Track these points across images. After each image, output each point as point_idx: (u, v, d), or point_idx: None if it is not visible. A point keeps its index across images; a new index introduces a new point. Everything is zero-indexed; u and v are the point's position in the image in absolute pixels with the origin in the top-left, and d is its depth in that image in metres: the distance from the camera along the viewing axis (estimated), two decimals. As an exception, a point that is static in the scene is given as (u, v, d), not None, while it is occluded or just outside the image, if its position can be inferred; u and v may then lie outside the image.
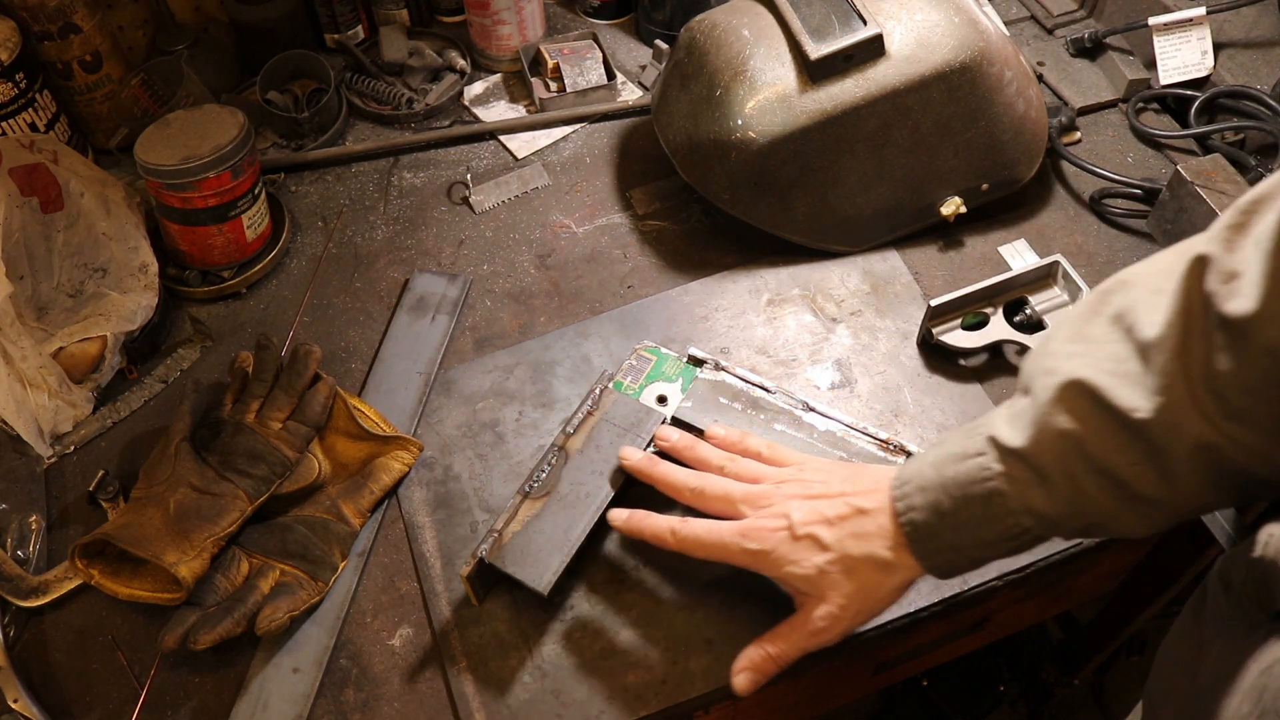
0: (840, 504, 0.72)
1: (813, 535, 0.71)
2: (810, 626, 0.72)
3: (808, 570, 0.71)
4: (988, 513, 0.64)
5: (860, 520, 0.71)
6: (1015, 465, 0.63)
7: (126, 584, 0.80)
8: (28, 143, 0.97)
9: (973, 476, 0.65)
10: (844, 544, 0.71)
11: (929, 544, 0.68)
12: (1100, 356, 0.61)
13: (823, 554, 0.71)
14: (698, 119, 1.00)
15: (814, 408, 0.87)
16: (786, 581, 0.74)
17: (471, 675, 0.80)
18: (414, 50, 1.23)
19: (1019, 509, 0.63)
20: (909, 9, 0.96)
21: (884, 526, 0.70)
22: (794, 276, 1.04)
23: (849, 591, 0.71)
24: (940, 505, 0.66)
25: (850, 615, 0.71)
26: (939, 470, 0.67)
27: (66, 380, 0.92)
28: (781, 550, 0.72)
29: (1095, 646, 1.39)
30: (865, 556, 0.70)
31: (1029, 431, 0.63)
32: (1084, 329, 0.63)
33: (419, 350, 0.99)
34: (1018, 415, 0.64)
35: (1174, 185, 1.01)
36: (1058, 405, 0.61)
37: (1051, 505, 0.63)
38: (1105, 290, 0.64)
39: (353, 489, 0.88)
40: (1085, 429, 0.60)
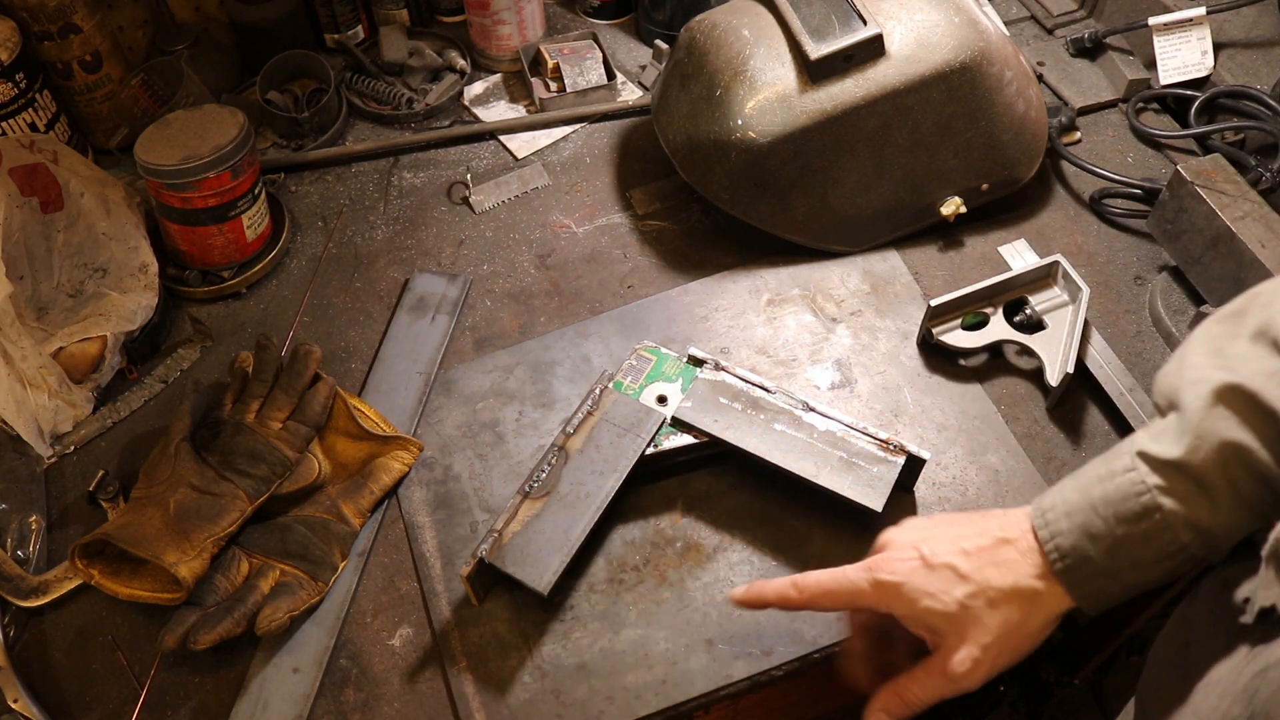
0: (976, 532, 0.66)
1: (950, 565, 0.65)
2: (951, 671, 0.65)
3: (947, 604, 0.64)
4: (1144, 530, 0.60)
5: (1001, 549, 0.65)
6: (1172, 477, 0.59)
7: (126, 584, 0.80)
8: (28, 143, 0.97)
9: (1125, 493, 0.61)
10: (985, 574, 0.64)
11: (1080, 571, 0.62)
12: (1251, 369, 0.58)
13: (963, 585, 0.64)
14: (698, 119, 1.00)
15: (814, 408, 0.87)
16: (923, 620, 0.66)
17: (471, 675, 0.80)
18: (414, 50, 1.23)
19: (1179, 524, 0.59)
20: (909, 9, 0.96)
21: (1028, 554, 0.64)
22: (794, 276, 1.04)
23: (993, 629, 0.64)
24: (1090, 527, 0.62)
25: (993, 657, 0.65)
26: (1084, 493, 0.63)
27: (66, 380, 0.92)
28: (915, 581, 0.65)
29: (1095, 646, 1.39)
30: (1011, 588, 0.64)
31: (1185, 440, 0.59)
32: (1224, 346, 0.60)
33: (419, 350, 0.99)
34: (1164, 430, 0.61)
35: (1174, 185, 1.01)
36: (1215, 411, 0.58)
37: (1213, 517, 0.59)
38: (1238, 311, 0.61)
39: (353, 489, 0.88)
40: (1246, 434, 0.57)
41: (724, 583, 0.84)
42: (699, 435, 0.87)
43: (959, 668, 0.65)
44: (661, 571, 0.84)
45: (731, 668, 0.80)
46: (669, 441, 0.87)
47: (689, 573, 0.84)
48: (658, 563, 0.85)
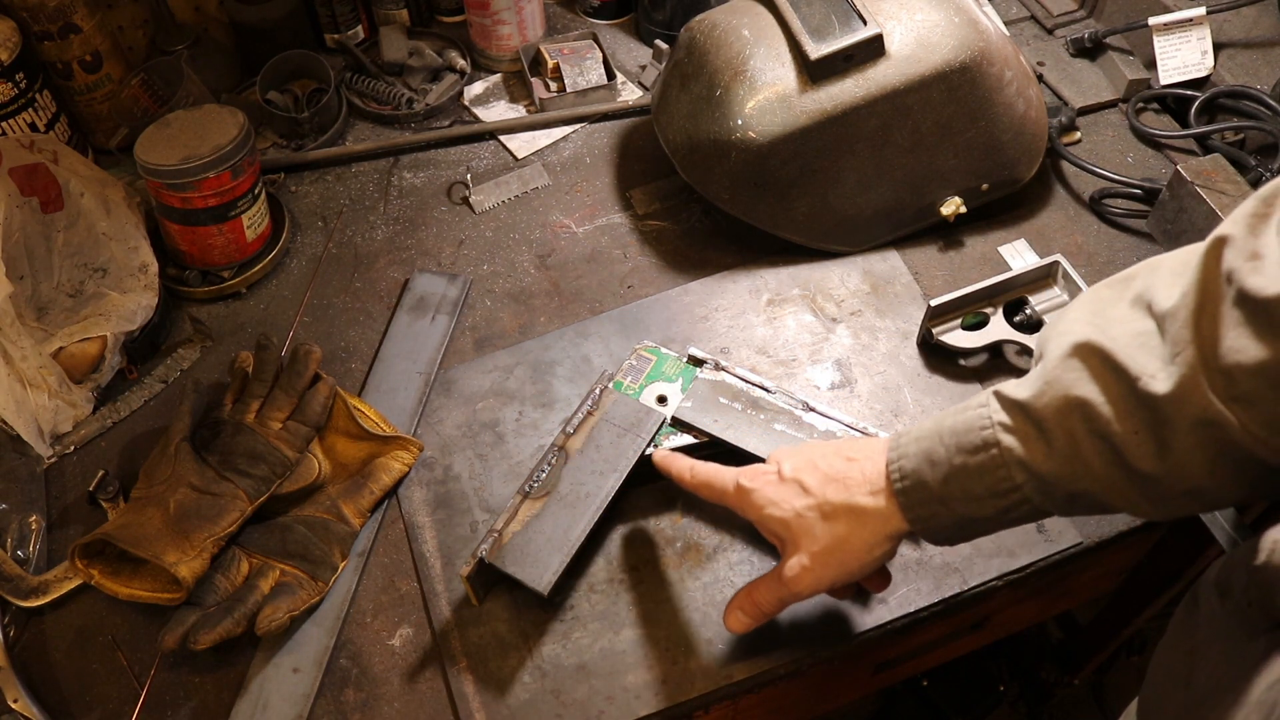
0: (832, 454, 0.71)
1: (799, 480, 0.71)
2: (784, 575, 0.71)
3: (785, 513, 0.70)
4: (980, 462, 0.62)
5: (847, 467, 0.70)
6: (1016, 415, 0.62)
7: (126, 584, 0.80)
8: (28, 143, 0.97)
9: (970, 425, 0.63)
10: (825, 489, 0.69)
11: (915, 493, 0.66)
12: (1119, 330, 0.60)
13: (804, 498, 0.70)
14: (698, 119, 1.00)
15: (814, 408, 0.87)
16: (766, 526, 0.73)
17: (471, 675, 0.80)
18: (414, 50, 1.23)
19: (1013, 461, 0.62)
20: (909, 9, 0.96)
21: (869, 474, 0.68)
22: (794, 276, 1.04)
23: (822, 539, 0.69)
24: (933, 453, 0.65)
25: (821, 567, 0.70)
26: (937, 422, 0.66)
27: (66, 380, 0.92)
28: (767, 491, 0.72)
29: (1095, 646, 1.39)
30: (844, 503, 0.69)
31: (1036, 386, 0.61)
32: (1104, 308, 0.62)
33: (419, 350, 0.99)
34: (1027, 376, 0.64)
35: (1174, 185, 1.01)
36: (1068, 363, 0.60)
37: (1047, 464, 0.61)
38: (1128, 275, 0.63)
39: (353, 489, 0.88)
40: (1091, 390, 0.59)
41: (724, 583, 0.84)
42: (699, 435, 0.87)
43: (789, 573, 0.71)
44: (661, 571, 0.84)
45: (731, 668, 0.80)
46: (669, 441, 0.87)
47: (689, 573, 0.84)
48: (658, 563, 0.85)
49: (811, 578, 0.70)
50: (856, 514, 0.68)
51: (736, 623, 0.75)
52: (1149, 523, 0.87)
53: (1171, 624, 0.69)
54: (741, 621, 0.75)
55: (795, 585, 0.71)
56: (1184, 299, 0.56)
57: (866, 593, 0.83)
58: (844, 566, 0.70)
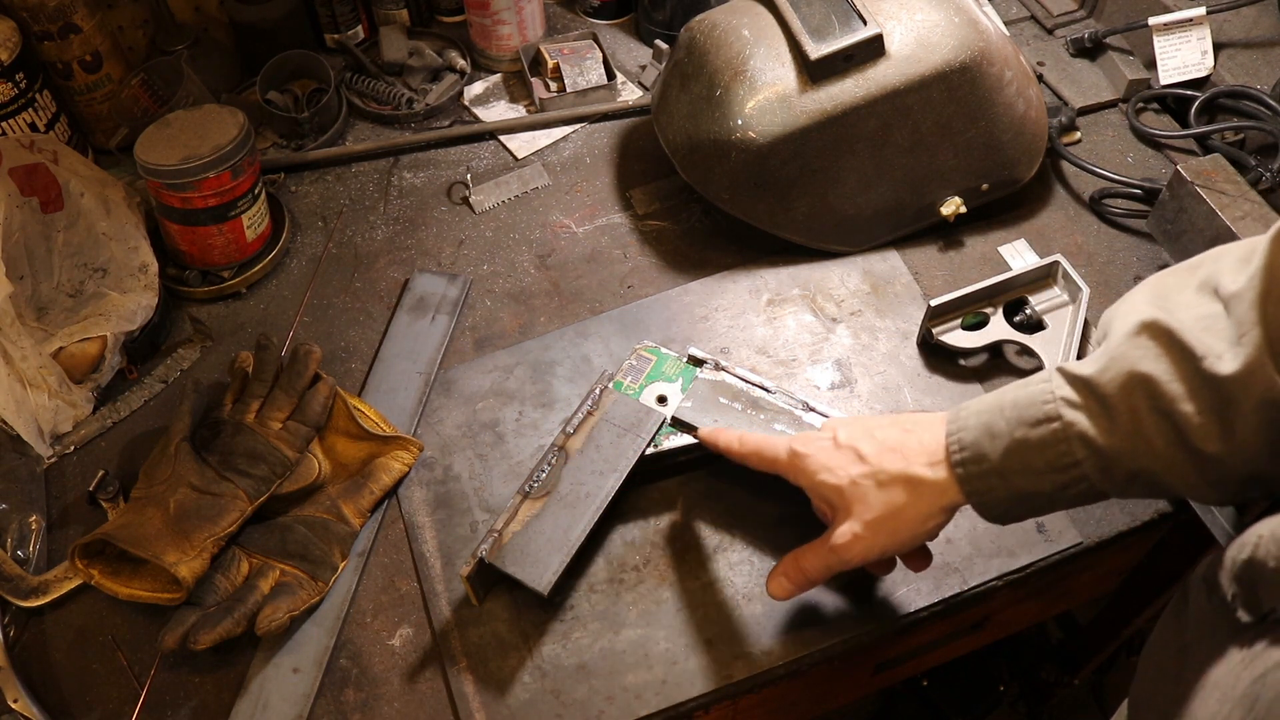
0: (889, 424, 0.71)
1: (854, 447, 0.70)
2: (834, 542, 0.70)
3: (839, 480, 0.70)
4: (1042, 436, 0.62)
5: (905, 437, 0.69)
6: (1080, 391, 0.62)
7: (126, 584, 0.80)
8: (28, 143, 0.97)
9: (1032, 399, 0.63)
10: (882, 458, 0.69)
11: (974, 465, 0.65)
12: (1186, 314, 0.60)
13: (859, 465, 0.70)
14: (698, 119, 1.00)
15: (814, 408, 0.87)
16: (819, 492, 0.72)
17: (471, 675, 0.80)
18: (414, 50, 1.23)
19: (1075, 436, 0.61)
20: (909, 9, 0.96)
21: (927, 444, 0.68)
22: (794, 276, 1.04)
23: (876, 507, 0.69)
24: (993, 426, 0.64)
25: (873, 535, 0.69)
26: (999, 396, 0.66)
27: (66, 380, 0.92)
28: (821, 457, 0.71)
29: (1095, 646, 1.39)
30: (900, 473, 0.68)
31: (1100, 362, 0.61)
32: (1169, 293, 0.62)
33: (419, 350, 0.99)
34: (1092, 354, 0.63)
35: (1174, 185, 1.01)
36: (1134, 340, 0.60)
37: (1109, 439, 0.60)
38: (1194, 264, 0.63)
39: (353, 489, 0.88)
40: (1156, 367, 0.59)
41: (724, 583, 0.84)
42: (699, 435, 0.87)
43: (840, 539, 0.70)
44: (661, 571, 0.84)
45: (731, 668, 0.80)
46: (669, 441, 0.87)
47: (689, 573, 0.84)
48: (658, 563, 0.85)
49: (862, 546, 0.70)
50: (913, 484, 0.68)
51: (780, 588, 0.74)
52: (1149, 523, 0.87)
53: (1161, 620, 0.69)
54: (785, 588, 0.74)
55: (845, 552, 0.70)
56: (1250, 282, 0.57)
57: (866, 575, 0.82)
58: (896, 535, 0.69)
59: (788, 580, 0.74)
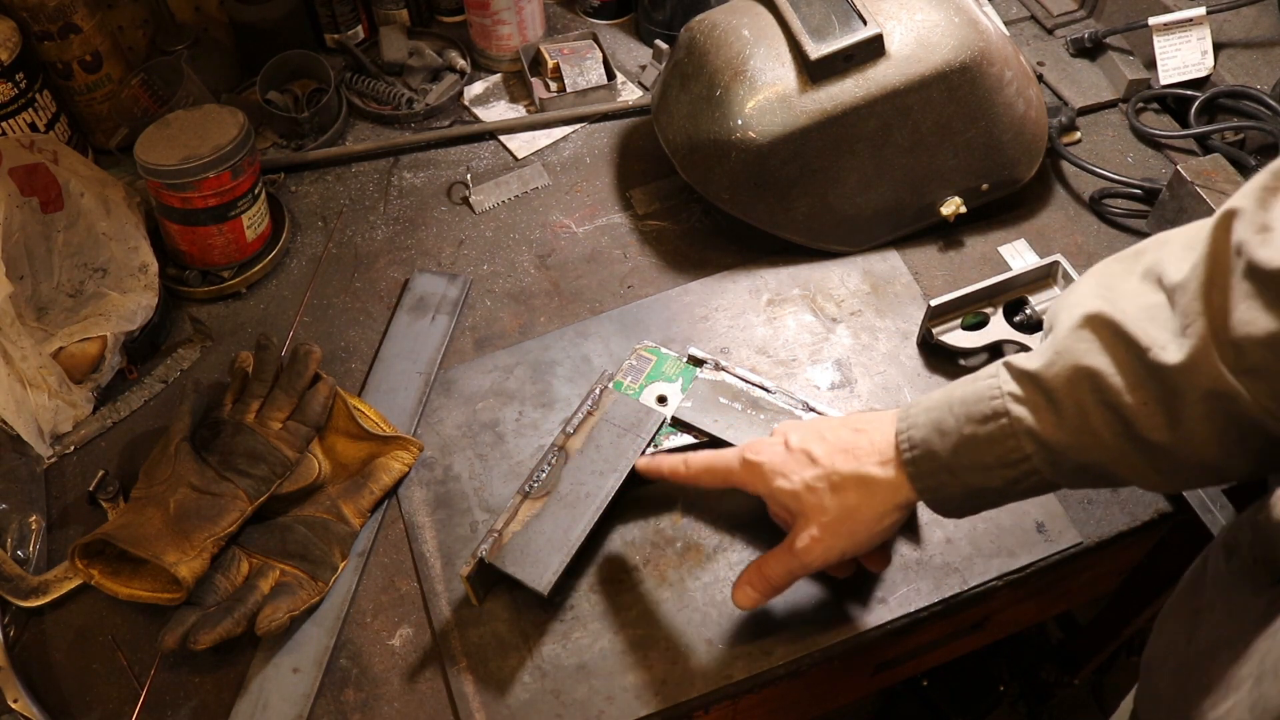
0: (840, 425, 0.72)
1: (806, 450, 0.71)
2: (794, 547, 0.71)
3: (794, 485, 0.70)
4: (990, 432, 0.63)
5: (855, 438, 0.70)
6: (1027, 386, 0.62)
7: (126, 584, 0.80)
8: (28, 143, 0.97)
9: (980, 395, 0.63)
10: (833, 459, 0.69)
11: (924, 463, 0.66)
12: (1129, 303, 0.60)
13: (812, 468, 0.70)
14: (698, 119, 1.00)
15: (814, 408, 0.87)
16: (776, 499, 0.73)
17: (471, 675, 0.80)
18: (414, 50, 1.23)
19: (1022, 431, 0.62)
20: (909, 9, 0.96)
21: (878, 444, 0.68)
22: (794, 276, 1.04)
23: (832, 510, 0.69)
24: (942, 424, 0.65)
25: (830, 537, 0.70)
26: (947, 393, 0.66)
27: (66, 380, 0.92)
28: (774, 462, 0.72)
29: (1095, 646, 1.39)
30: (852, 474, 0.69)
31: (1046, 356, 0.62)
32: (1114, 282, 0.62)
33: (419, 350, 0.99)
34: (1038, 348, 0.64)
35: (1174, 185, 1.01)
36: (1078, 334, 0.60)
37: (1057, 434, 0.61)
38: (1138, 250, 0.63)
39: (353, 489, 0.88)
40: (1102, 360, 0.59)
41: (724, 583, 0.84)
42: (699, 435, 0.87)
43: (799, 544, 0.71)
44: (661, 571, 0.84)
45: (731, 668, 0.80)
46: (669, 441, 0.87)
47: (689, 573, 0.84)
48: (658, 563, 0.85)
49: (821, 548, 0.70)
50: (866, 484, 0.68)
51: (745, 598, 0.75)
52: (1149, 523, 0.87)
53: (1178, 588, 0.69)
54: (750, 596, 0.74)
55: (805, 556, 0.71)
56: (1194, 271, 0.57)
57: (867, 575, 0.82)
58: (854, 537, 0.70)
59: (752, 589, 0.74)
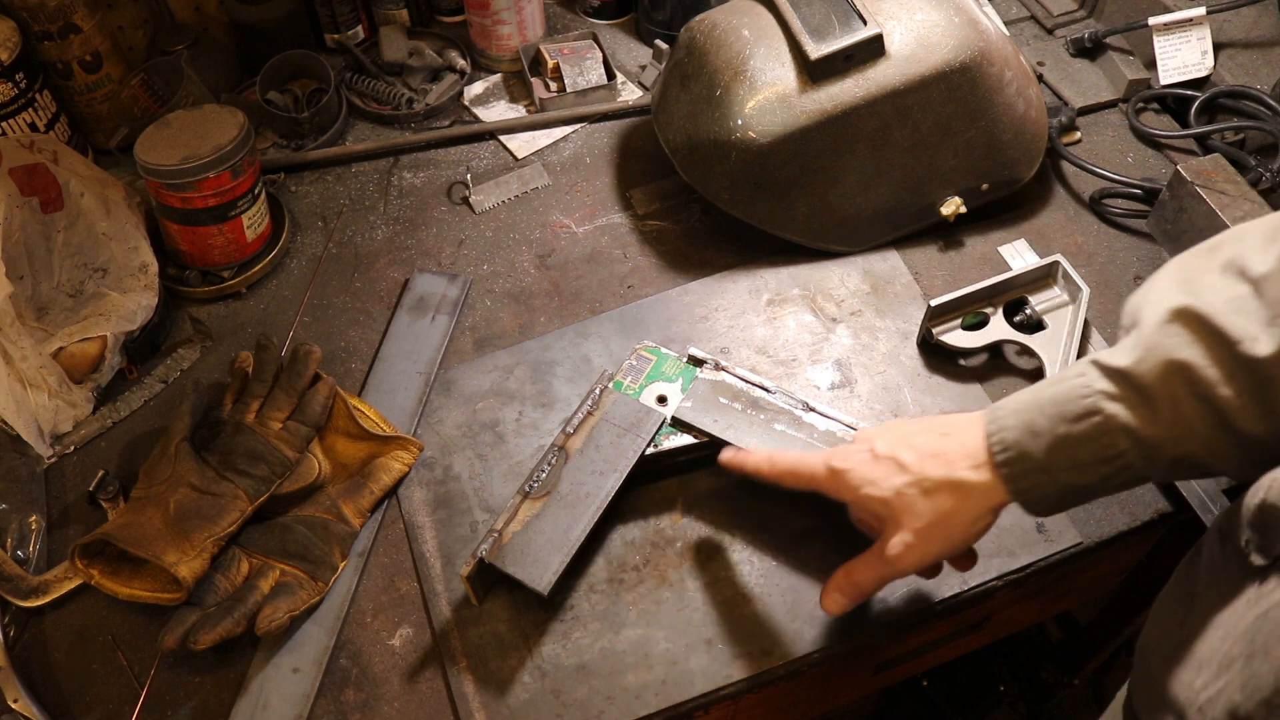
0: (927, 430, 0.71)
1: (894, 457, 0.70)
2: (887, 554, 0.70)
3: (884, 492, 0.70)
4: (1084, 430, 0.62)
5: (944, 442, 0.69)
6: (1118, 383, 0.62)
7: (126, 584, 0.80)
8: (28, 143, 0.97)
9: (1071, 394, 0.63)
10: (924, 465, 0.69)
11: (1019, 465, 0.65)
12: (1213, 296, 0.60)
13: (902, 475, 0.69)
14: (698, 119, 1.00)
15: (814, 408, 0.87)
16: (865, 506, 0.72)
17: (471, 675, 0.80)
18: (414, 50, 1.23)
19: (1117, 428, 0.61)
20: (909, 9, 0.96)
21: (970, 448, 0.68)
22: (794, 276, 1.04)
23: (925, 515, 0.69)
24: (1034, 425, 0.64)
25: (924, 543, 0.69)
26: (1035, 394, 0.66)
27: (66, 380, 0.92)
28: (861, 470, 0.71)
29: (1095, 646, 1.39)
30: (944, 479, 0.68)
31: (1135, 353, 0.61)
32: (1194, 276, 0.62)
33: (419, 350, 0.99)
34: (1122, 345, 0.63)
35: (1174, 185, 1.01)
36: (1167, 329, 0.60)
37: (1152, 428, 0.61)
38: (1214, 244, 0.63)
39: (353, 489, 0.88)
40: (1193, 353, 0.59)
41: (724, 583, 0.84)
42: (699, 435, 0.87)
43: (893, 550, 0.70)
44: (661, 571, 0.84)
45: (731, 668, 0.80)
46: (669, 441, 0.87)
47: (689, 573, 0.84)
48: (658, 563, 0.85)
49: (916, 554, 0.70)
50: (959, 488, 0.68)
51: (835, 604, 0.74)
52: (1149, 523, 0.87)
53: (1174, 575, 0.69)
54: (840, 603, 0.74)
55: (900, 563, 0.70)
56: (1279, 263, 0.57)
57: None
58: (949, 541, 0.70)
59: (842, 595, 0.74)
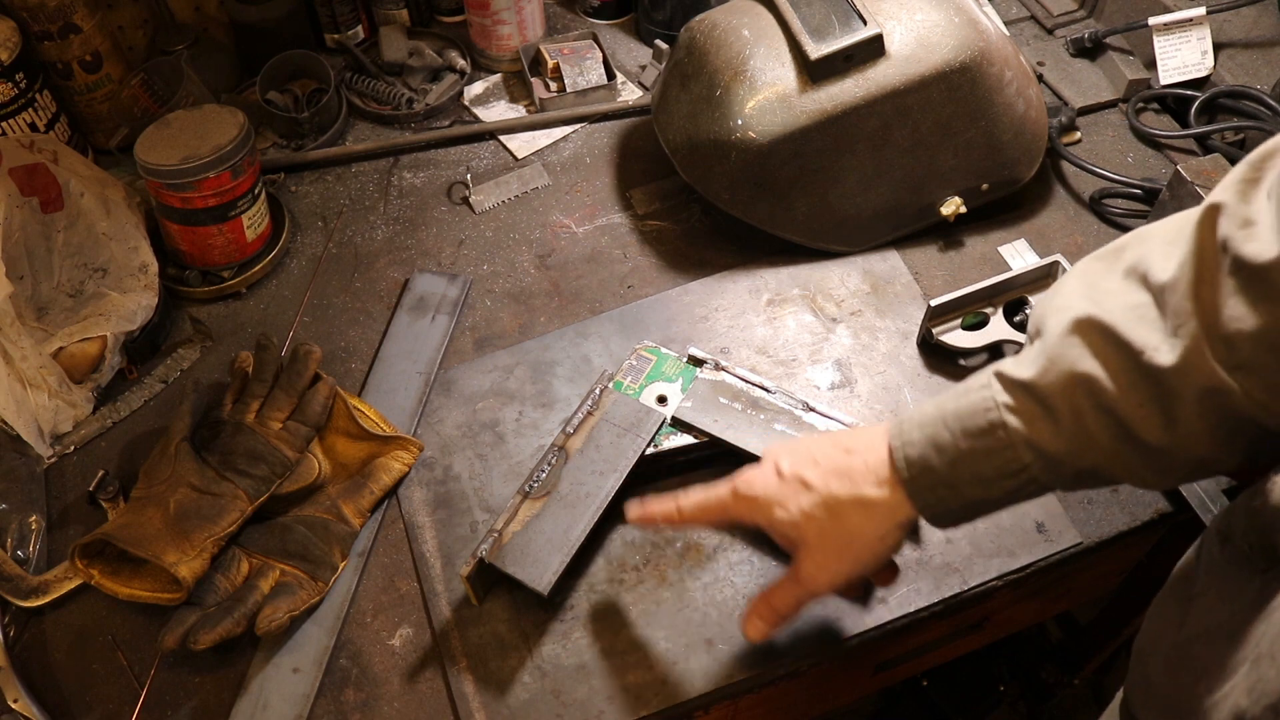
0: (830, 446, 0.70)
1: (800, 477, 0.69)
2: (800, 576, 0.70)
3: (794, 515, 0.69)
4: (988, 445, 0.62)
5: (849, 459, 0.68)
6: (1021, 397, 0.61)
7: (126, 584, 0.80)
8: (28, 143, 0.97)
9: (974, 408, 0.62)
10: (829, 484, 0.68)
11: (923, 480, 0.65)
12: (1115, 303, 0.59)
13: (808, 495, 0.69)
14: (698, 119, 1.00)
15: (814, 408, 0.87)
16: (776, 529, 0.71)
17: (471, 675, 0.80)
18: (414, 50, 1.23)
19: (1020, 442, 0.61)
20: (909, 9, 0.96)
21: (873, 464, 0.67)
22: (794, 276, 1.04)
23: (834, 536, 0.68)
24: (938, 439, 0.64)
25: (835, 562, 0.69)
26: (939, 407, 0.65)
27: (66, 380, 0.92)
28: (770, 493, 0.70)
29: (1095, 646, 1.39)
30: (850, 497, 0.67)
31: (1039, 364, 0.61)
32: (1097, 281, 0.61)
33: (419, 350, 0.99)
34: (1025, 355, 0.63)
35: (1174, 185, 1.01)
36: (1069, 340, 0.60)
37: (1055, 442, 0.60)
38: (1118, 247, 0.62)
39: (353, 489, 0.88)
40: (1095, 365, 0.59)
41: (724, 583, 0.84)
42: (699, 435, 0.87)
43: (805, 572, 0.70)
44: (661, 571, 0.84)
45: (731, 668, 0.80)
46: (669, 441, 0.87)
47: (689, 573, 0.84)
48: (658, 563, 0.85)
49: (827, 575, 0.70)
50: (865, 506, 0.67)
51: (755, 630, 0.74)
52: (1149, 523, 0.87)
53: (1171, 576, 0.69)
54: (760, 629, 0.74)
55: (812, 584, 0.70)
56: (1182, 270, 0.56)
57: (870, 591, 0.83)
58: (858, 560, 0.69)
59: (762, 621, 0.73)
